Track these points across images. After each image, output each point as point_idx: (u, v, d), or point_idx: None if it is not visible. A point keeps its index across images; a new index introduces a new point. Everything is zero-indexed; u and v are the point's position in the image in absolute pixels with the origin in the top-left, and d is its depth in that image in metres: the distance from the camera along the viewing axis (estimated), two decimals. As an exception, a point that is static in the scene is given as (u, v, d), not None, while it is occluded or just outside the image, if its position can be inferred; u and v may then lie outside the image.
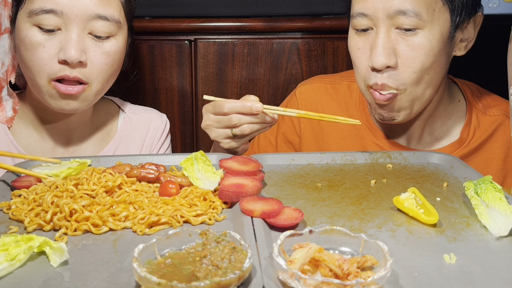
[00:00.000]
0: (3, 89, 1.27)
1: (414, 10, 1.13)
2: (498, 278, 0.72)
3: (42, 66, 1.18)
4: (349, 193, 1.00)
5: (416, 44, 1.16)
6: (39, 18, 1.16)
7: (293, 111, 1.18)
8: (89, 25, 1.18)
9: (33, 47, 1.17)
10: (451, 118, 1.36)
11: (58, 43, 1.17)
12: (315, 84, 1.47)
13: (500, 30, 1.33)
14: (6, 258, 0.73)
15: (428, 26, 1.15)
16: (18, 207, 0.90)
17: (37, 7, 1.16)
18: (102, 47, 1.20)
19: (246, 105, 1.13)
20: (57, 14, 1.16)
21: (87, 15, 1.17)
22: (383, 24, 1.16)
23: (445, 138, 1.35)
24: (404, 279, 0.71)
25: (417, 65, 1.17)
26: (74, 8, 1.16)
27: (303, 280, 0.65)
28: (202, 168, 1.00)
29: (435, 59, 1.18)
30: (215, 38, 1.71)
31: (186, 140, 1.80)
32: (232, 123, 1.15)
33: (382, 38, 1.16)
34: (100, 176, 0.94)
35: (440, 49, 1.18)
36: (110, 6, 1.20)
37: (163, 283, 0.63)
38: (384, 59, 1.15)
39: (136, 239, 0.83)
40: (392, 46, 1.16)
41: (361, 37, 1.21)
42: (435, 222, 0.86)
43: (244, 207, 0.88)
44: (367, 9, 1.17)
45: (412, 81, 1.18)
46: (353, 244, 0.76)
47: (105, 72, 1.23)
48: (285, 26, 1.70)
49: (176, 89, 1.74)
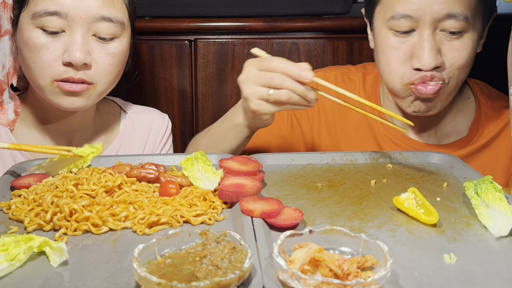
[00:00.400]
0: (4, 91, 1.27)
1: (463, 14, 1.17)
2: (498, 278, 0.72)
3: (45, 67, 1.17)
4: (349, 193, 1.00)
5: (461, 45, 1.20)
6: (43, 20, 1.15)
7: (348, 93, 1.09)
8: (93, 27, 1.18)
9: (36, 48, 1.17)
10: (461, 114, 1.38)
11: (62, 45, 1.17)
12: (331, 72, 1.47)
13: (500, 30, 1.33)
14: (6, 258, 0.73)
15: (472, 28, 1.20)
16: (18, 207, 0.90)
17: (40, 9, 1.15)
18: (107, 48, 1.20)
19: (295, 70, 1.06)
20: (61, 16, 1.15)
21: (92, 16, 1.17)
22: (429, 26, 1.18)
23: (454, 134, 1.38)
24: (404, 279, 0.71)
25: (461, 63, 1.22)
26: (78, 10, 1.16)
27: (303, 280, 0.65)
28: (202, 168, 1.00)
29: (473, 56, 1.24)
30: (215, 38, 1.71)
31: (186, 140, 1.80)
32: (273, 82, 1.07)
33: (429, 40, 1.18)
34: (100, 176, 0.94)
35: (476, 48, 1.24)
36: (114, 8, 1.20)
37: (163, 283, 0.63)
38: (433, 61, 1.18)
39: (136, 239, 0.83)
40: (438, 47, 1.20)
41: (400, 38, 1.22)
42: (435, 222, 0.86)
43: (244, 207, 0.88)
44: (413, 11, 1.18)
45: (454, 75, 1.23)
46: (353, 244, 0.76)
47: (110, 73, 1.23)
48: (285, 26, 1.70)
49: (176, 89, 1.74)
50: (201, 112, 1.76)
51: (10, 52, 1.26)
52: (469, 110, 1.39)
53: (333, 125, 1.43)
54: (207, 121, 1.77)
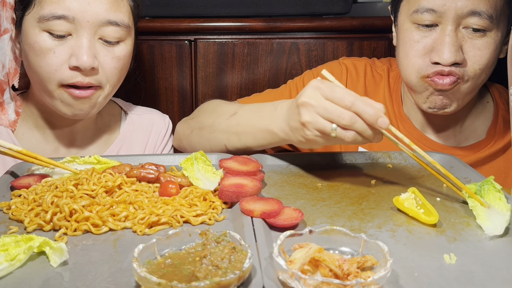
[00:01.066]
0: (5, 91, 1.26)
1: (487, 12, 1.16)
2: (498, 278, 0.72)
3: (52, 72, 1.17)
4: (349, 193, 1.00)
5: (483, 44, 1.19)
6: (50, 24, 1.15)
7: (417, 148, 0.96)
8: (100, 31, 1.18)
9: (42, 52, 1.16)
10: (479, 118, 1.38)
11: (69, 49, 1.16)
12: (361, 62, 1.47)
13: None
14: (6, 258, 0.73)
15: (495, 28, 1.19)
16: (18, 207, 0.90)
17: (47, 12, 1.15)
18: (113, 52, 1.20)
19: (372, 113, 0.91)
20: (68, 20, 1.15)
21: (99, 20, 1.17)
22: (452, 22, 1.18)
23: (472, 137, 1.37)
24: (404, 279, 0.71)
25: (483, 62, 1.20)
26: (86, 14, 1.15)
27: (303, 280, 0.65)
28: (202, 168, 1.00)
29: (495, 59, 1.23)
30: (215, 38, 1.71)
31: (186, 140, 1.80)
32: (342, 121, 0.93)
33: (451, 36, 1.18)
34: (100, 176, 0.94)
35: (499, 50, 1.23)
36: (120, 11, 1.20)
37: (163, 283, 0.63)
38: (453, 57, 1.18)
39: (136, 239, 0.83)
40: (459, 44, 1.19)
41: (422, 32, 1.22)
42: (435, 222, 0.86)
43: (244, 207, 0.88)
44: (437, 6, 1.18)
45: (475, 75, 1.22)
46: (353, 244, 0.76)
47: (116, 76, 1.23)
48: (285, 26, 1.70)
49: (176, 89, 1.74)
50: (201, 112, 1.76)
51: (10, 51, 1.25)
52: (488, 114, 1.38)
53: None
54: (207, 121, 1.77)
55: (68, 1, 1.15)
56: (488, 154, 1.34)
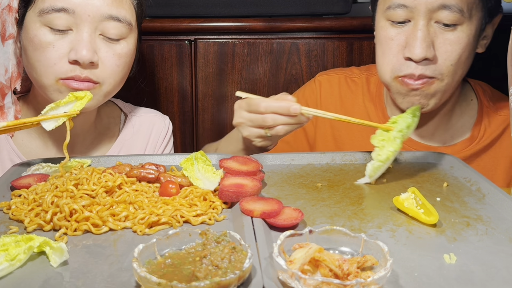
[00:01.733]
0: (6, 96, 1.25)
1: (457, 6, 1.17)
2: (498, 278, 0.72)
3: (50, 66, 1.16)
4: (349, 193, 1.00)
5: (454, 38, 1.19)
6: (50, 17, 1.14)
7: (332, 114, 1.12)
8: (101, 26, 1.17)
9: (42, 46, 1.15)
10: (464, 116, 1.38)
11: (69, 43, 1.15)
12: (335, 75, 1.49)
13: (500, 30, 1.33)
14: (6, 258, 0.73)
15: (467, 22, 1.19)
16: (18, 207, 0.90)
17: (47, 6, 1.14)
18: (114, 48, 1.19)
19: (284, 106, 1.10)
20: (68, 13, 1.14)
21: (100, 15, 1.16)
22: (423, 17, 1.18)
23: (457, 136, 1.38)
24: (404, 279, 0.71)
25: (455, 58, 1.20)
26: (87, 8, 1.14)
27: (303, 280, 0.65)
28: (202, 168, 1.00)
29: (469, 54, 1.23)
30: (215, 38, 1.71)
31: (186, 140, 1.80)
32: (266, 123, 1.13)
33: (422, 30, 1.18)
34: (100, 176, 0.94)
35: (473, 45, 1.23)
36: (123, 8, 1.19)
37: (163, 283, 0.63)
38: (424, 52, 1.18)
39: (136, 239, 0.83)
40: (431, 39, 1.19)
41: (396, 28, 1.23)
42: (435, 222, 0.86)
43: (244, 207, 0.88)
44: (409, 1, 1.19)
45: (449, 72, 1.22)
46: (353, 244, 0.76)
47: (117, 74, 1.22)
48: (285, 26, 1.70)
49: (176, 89, 1.74)
50: (201, 112, 1.76)
51: (13, 55, 1.24)
52: (472, 112, 1.39)
53: (337, 128, 1.44)
54: (207, 121, 1.77)
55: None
56: (474, 151, 1.35)
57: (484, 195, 0.99)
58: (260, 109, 1.12)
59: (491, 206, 0.95)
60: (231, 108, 1.76)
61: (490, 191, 0.98)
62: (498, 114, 1.37)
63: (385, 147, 1.05)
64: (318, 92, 1.48)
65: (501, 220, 0.89)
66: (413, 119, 1.07)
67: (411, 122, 1.07)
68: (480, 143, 1.35)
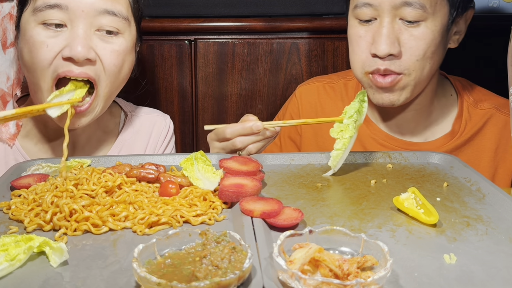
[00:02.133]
0: (8, 103, 1.24)
1: (419, 2, 1.18)
2: (498, 278, 0.72)
3: (45, 67, 1.13)
4: (349, 193, 1.00)
5: (419, 34, 1.21)
6: (44, 14, 1.12)
7: (291, 122, 1.22)
8: (96, 21, 1.14)
9: (35, 47, 1.13)
10: (444, 111, 1.40)
11: (63, 41, 1.13)
12: (313, 85, 1.52)
13: (500, 30, 1.33)
14: (6, 258, 0.73)
15: (431, 18, 1.20)
16: (18, 207, 0.90)
17: (41, 3, 1.12)
18: (111, 45, 1.17)
19: (247, 127, 1.16)
20: (62, 9, 1.12)
21: (94, 10, 1.13)
22: (388, 14, 1.20)
23: (438, 131, 1.39)
24: (404, 279, 0.71)
25: (420, 53, 1.22)
26: (80, 3, 1.12)
27: (303, 280, 0.65)
28: (202, 168, 1.00)
29: (436, 48, 1.24)
30: (215, 38, 1.71)
31: (186, 140, 1.80)
32: (236, 147, 1.18)
33: (387, 27, 1.20)
34: (100, 176, 0.94)
35: (440, 40, 1.24)
36: (118, 2, 1.17)
37: (163, 283, 0.63)
38: (388, 48, 1.20)
39: (136, 239, 0.82)
40: (396, 36, 1.21)
41: (364, 26, 1.25)
42: (435, 222, 0.86)
43: (244, 207, 0.88)
44: (374, 0, 1.21)
45: (416, 67, 1.23)
46: (353, 244, 0.76)
47: (115, 74, 1.19)
48: (285, 26, 1.70)
49: (176, 89, 1.74)
50: (201, 112, 1.76)
51: (15, 63, 1.23)
52: (452, 107, 1.41)
53: (320, 134, 1.47)
54: (207, 121, 1.77)
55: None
56: (455, 146, 1.36)
57: (484, 195, 0.99)
58: (227, 136, 1.18)
59: (491, 206, 0.95)
60: (231, 108, 1.77)
61: (490, 191, 0.98)
62: (478, 108, 1.38)
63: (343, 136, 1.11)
64: (298, 104, 1.52)
65: (501, 220, 0.89)
66: (361, 104, 1.10)
67: (359, 107, 1.10)
68: (461, 137, 1.36)
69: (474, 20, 1.79)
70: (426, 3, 1.18)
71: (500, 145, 1.37)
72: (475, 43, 1.76)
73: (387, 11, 1.20)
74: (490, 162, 1.37)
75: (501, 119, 1.36)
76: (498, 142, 1.36)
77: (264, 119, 1.76)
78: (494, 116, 1.37)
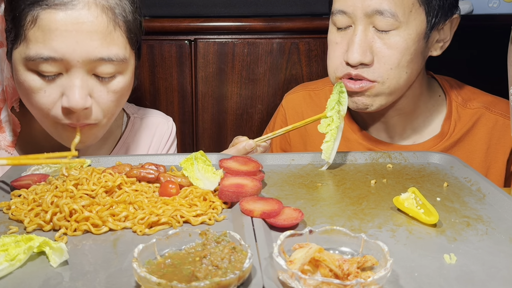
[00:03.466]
0: (2, 110, 1.21)
1: (390, 11, 1.17)
2: (498, 278, 0.72)
3: (45, 110, 1.11)
4: (349, 193, 1.00)
5: (391, 43, 1.20)
6: (37, 65, 1.07)
7: (280, 131, 1.22)
8: (92, 68, 1.09)
9: (33, 92, 1.09)
10: (432, 112, 1.39)
11: (60, 88, 1.09)
12: (299, 93, 1.53)
13: (500, 30, 1.33)
14: (6, 258, 0.73)
15: (404, 26, 1.19)
16: (18, 207, 0.90)
17: (33, 53, 1.06)
18: (108, 86, 1.12)
19: (240, 148, 1.19)
20: (56, 61, 1.06)
21: (90, 59, 1.07)
22: (361, 22, 1.20)
23: (427, 132, 1.39)
24: (404, 279, 0.71)
25: (393, 62, 1.21)
26: (75, 54, 1.06)
27: (303, 280, 0.65)
28: (202, 168, 1.00)
29: (411, 57, 1.22)
30: (215, 38, 1.71)
31: (186, 140, 1.80)
32: None
33: (359, 36, 1.20)
34: (100, 176, 0.94)
35: (415, 48, 1.22)
36: (114, 44, 1.10)
37: (163, 283, 0.63)
38: (359, 56, 1.20)
39: (136, 239, 0.82)
40: (369, 44, 1.21)
41: (340, 33, 1.26)
42: (435, 222, 0.86)
43: (244, 207, 0.88)
44: (347, 7, 1.22)
45: (390, 76, 1.22)
46: (353, 244, 0.76)
47: (112, 109, 1.16)
48: (285, 26, 1.70)
49: (176, 89, 1.74)
50: (201, 112, 1.76)
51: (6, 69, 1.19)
52: (441, 108, 1.40)
53: (308, 141, 1.48)
54: (207, 121, 1.77)
55: (54, 42, 1.05)
56: (445, 147, 1.36)
57: (484, 195, 0.99)
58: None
59: (491, 206, 0.95)
60: (231, 108, 1.77)
61: (490, 191, 0.98)
62: (467, 107, 1.38)
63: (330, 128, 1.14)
64: (285, 113, 1.53)
65: (501, 220, 0.89)
66: (340, 94, 1.14)
67: (338, 97, 1.13)
68: (450, 138, 1.36)
69: (474, 20, 1.79)
70: (398, 11, 1.17)
71: (491, 145, 1.36)
72: (475, 43, 1.76)
73: (360, 19, 1.20)
74: (482, 162, 1.36)
75: (490, 119, 1.36)
76: (488, 142, 1.36)
77: (264, 119, 1.77)
78: (483, 116, 1.36)
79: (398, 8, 1.17)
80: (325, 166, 1.12)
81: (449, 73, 1.47)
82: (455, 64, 1.57)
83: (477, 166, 1.35)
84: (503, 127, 1.35)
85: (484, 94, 1.41)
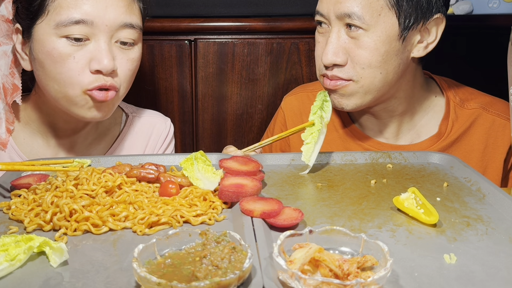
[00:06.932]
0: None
1: (358, 14, 1.20)
2: (498, 278, 0.72)
3: (74, 77, 1.16)
4: (349, 193, 1.00)
5: (361, 43, 1.22)
6: (68, 29, 1.14)
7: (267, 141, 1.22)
8: (117, 34, 1.19)
9: (62, 59, 1.15)
10: (429, 112, 1.39)
11: (88, 53, 1.16)
12: (298, 95, 1.54)
13: (500, 30, 1.33)
14: (6, 258, 0.73)
15: (372, 29, 1.21)
16: (18, 207, 0.90)
17: (65, 18, 1.14)
18: (128, 54, 1.22)
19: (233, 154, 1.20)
20: (86, 24, 1.15)
21: (116, 24, 1.17)
22: (335, 23, 1.24)
23: (424, 133, 1.39)
24: (404, 279, 0.71)
25: (364, 62, 1.23)
26: (104, 18, 1.16)
27: (303, 280, 0.65)
28: (202, 168, 1.00)
29: (383, 58, 1.23)
30: (215, 38, 1.71)
31: (186, 140, 1.80)
32: None
33: (333, 37, 1.24)
34: (100, 176, 0.94)
35: (386, 50, 1.22)
36: (134, 14, 1.22)
37: (163, 283, 0.63)
38: (331, 57, 1.23)
39: (136, 239, 0.83)
40: (342, 45, 1.24)
41: (321, 33, 1.30)
42: (435, 222, 0.86)
43: (244, 207, 0.88)
44: (322, 9, 1.26)
45: (364, 75, 1.24)
46: (353, 244, 0.76)
47: (130, 78, 1.25)
48: (285, 26, 1.70)
49: (176, 89, 1.74)
50: (201, 112, 1.76)
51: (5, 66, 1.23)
52: (438, 108, 1.40)
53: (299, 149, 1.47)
54: (207, 121, 1.77)
55: (85, 6, 1.15)
56: (442, 147, 1.36)
57: (484, 195, 0.99)
58: None
59: (491, 206, 0.95)
60: (231, 108, 1.77)
61: (490, 191, 0.98)
62: (465, 108, 1.38)
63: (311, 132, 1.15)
64: (284, 115, 1.54)
65: (501, 220, 0.89)
66: (323, 101, 1.15)
67: (321, 104, 1.15)
68: (448, 138, 1.36)
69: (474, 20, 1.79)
70: (365, 15, 1.19)
71: (488, 145, 1.36)
72: (475, 43, 1.76)
73: (334, 21, 1.23)
74: (479, 162, 1.36)
75: (488, 119, 1.36)
76: (485, 142, 1.36)
77: (264, 119, 1.77)
78: (481, 116, 1.37)
79: (365, 12, 1.19)
80: (306, 170, 1.11)
81: (448, 73, 1.47)
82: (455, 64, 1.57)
83: (474, 166, 1.35)
84: (500, 128, 1.35)
85: (482, 94, 1.41)
